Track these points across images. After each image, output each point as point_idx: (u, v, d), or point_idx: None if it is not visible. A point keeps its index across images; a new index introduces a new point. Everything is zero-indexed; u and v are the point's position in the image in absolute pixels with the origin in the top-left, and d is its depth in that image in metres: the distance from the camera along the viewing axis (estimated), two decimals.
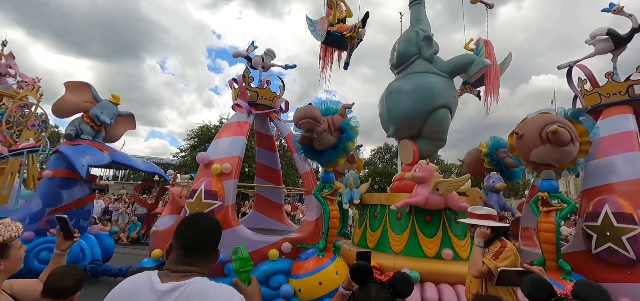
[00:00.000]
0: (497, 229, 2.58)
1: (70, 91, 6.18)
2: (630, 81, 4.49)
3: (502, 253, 2.42)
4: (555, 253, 3.59)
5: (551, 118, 3.39)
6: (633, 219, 3.43)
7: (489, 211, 2.64)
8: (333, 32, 5.50)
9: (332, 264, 3.99)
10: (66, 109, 6.27)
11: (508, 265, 2.34)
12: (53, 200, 6.05)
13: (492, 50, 5.55)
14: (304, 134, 3.96)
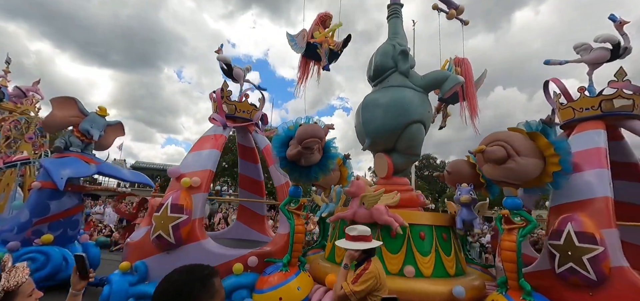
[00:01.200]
0: (367, 251, 2.56)
1: (57, 106, 6.38)
2: (602, 96, 4.43)
3: (361, 276, 2.40)
4: (516, 272, 3.53)
5: (493, 137, 3.36)
6: (594, 239, 3.35)
7: (362, 231, 2.62)
8: (313, 43, 5.58)
9: (295, 279, 3.99)
10: (55, 125, 6.50)
11: (366, 289, 2.33)
12: (40, 211, 6.22)
13: (469, 68, 5.57)
14: (302, 150, 3.87)
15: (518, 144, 3.23)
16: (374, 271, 2.40)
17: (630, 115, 4.31)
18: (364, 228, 2.67)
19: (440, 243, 4.16)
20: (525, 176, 3.38)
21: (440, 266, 4.04)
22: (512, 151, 3.17)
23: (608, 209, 3.56)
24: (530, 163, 3.26)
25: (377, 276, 2.38)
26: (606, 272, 3.27)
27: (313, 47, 5.50)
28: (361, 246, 2.53)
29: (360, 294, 2.37)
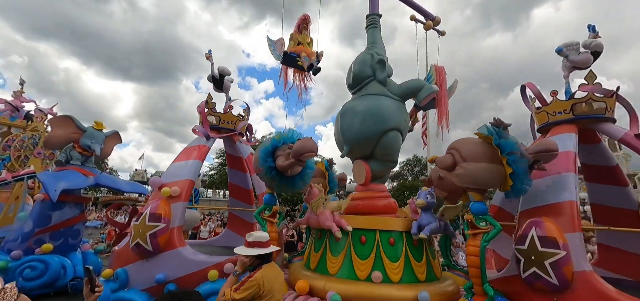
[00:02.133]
0: (261, 257, 2.60)
1: (56, 126, 6.78)
2: (573, 99, 4.43)
3: (244, 283, 2.41)
4: (480, 277, 3.54)
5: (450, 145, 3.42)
6: (557, 243, 3.34)
7: (258, 237, 2.67)
8: (290, 53, 5.75)
9: None
10: (56, 143, 6.89)
11: (246, 296, 2.34)
12: (42, 221, 6.56)
13: (444, 76, 5.64)
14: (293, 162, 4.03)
15: (465, 150, 3.27)
16: (258, 278, 2.41)
17: (603, 118, 4.29)
18: (260, 234, 2.73)
19: (410, 249, 4.19)
20: (474, 180, 3.41)
21: (409, 272, 4.07)
22: (459, 158, 3.21)
23: (573, 213, 3.55)
24: (477, 168, 3.29)
25: (260, 284, 2.37)
26: (569, 277, 3.25)
27: (291, 58, 5.66)
28: (253, 252, 2.57)
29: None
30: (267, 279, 2.44)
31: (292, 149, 4.03)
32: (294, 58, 5.64)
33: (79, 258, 7.18)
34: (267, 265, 2.59)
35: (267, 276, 2.47)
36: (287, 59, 5.69)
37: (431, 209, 4.17)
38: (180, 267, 4.30)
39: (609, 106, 4.29)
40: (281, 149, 4.24)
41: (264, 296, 2.38)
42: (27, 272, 6.17)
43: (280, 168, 4.15)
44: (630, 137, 4.02)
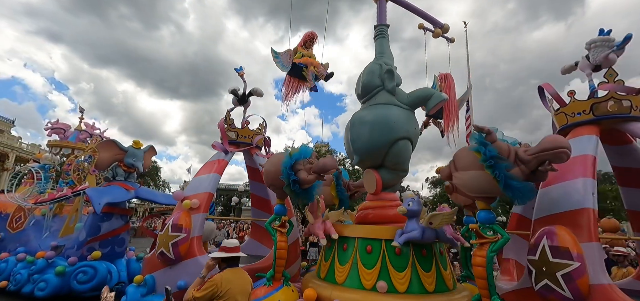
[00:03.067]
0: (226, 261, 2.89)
1: (102, 150, 7.74)
2: (593, 99, 4.16)
3: (205, 284, 2.68)
4: (488, 289, 3.43)
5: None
6: (569, 253, 3.15)
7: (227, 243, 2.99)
8: (299, 63, 5.98)
9: (277, 293, 4.27)
10: (104, 164, 7.86)
11: (204, 295, 2.60)
12: (93, 231, 7.48)
13: (452, 84, 5.55)
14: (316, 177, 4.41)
15: (458, 159, 3.22)
16: (217, 280, 2.66)
17: (628, 117, 3.97)
18: (231, 241, 3.02)
19: (418, 259, 4.15)
20: (467, 189, 3.33)
21: (416, 282, 4.02)
22: (453, 167, 3.18)
23: (589, 221, 3.33)
24: (467, 176, 3.22)
25: (217, 284, 2.61)
26: (584, 290, 3.05)
27: (298, 68, 5.88)
28: (217, 255, 2.89)
29: (200, 300, 2.65)
30: (225, 281, 2.69)
31: (316, 165, 4.36)
32: (301, 69, 5.85)
33: (123, 264, 7.99)
34: (229, 269, 2.86)
35: (226, 278, 2.72)
36: (295, 69, 5.91)
37: (415, 216, 4.06)
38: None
39: (634, 104, 3.96)
40: (301, 163, 4.49)
41: (222, 297, 2.61)
42: (80, 276, 7.02)
43: (303, 181, 4.41)
44: None
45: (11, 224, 8.60)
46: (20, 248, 7.73)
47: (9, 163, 29.58)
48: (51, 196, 8.79)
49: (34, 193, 9.62)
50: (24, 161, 30.65)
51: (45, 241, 7.67)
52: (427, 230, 3.86)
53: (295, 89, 6.23)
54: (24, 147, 32.28)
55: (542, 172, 3.29)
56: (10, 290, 6.88)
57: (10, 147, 30.79)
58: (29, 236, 8.11)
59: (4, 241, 8.38)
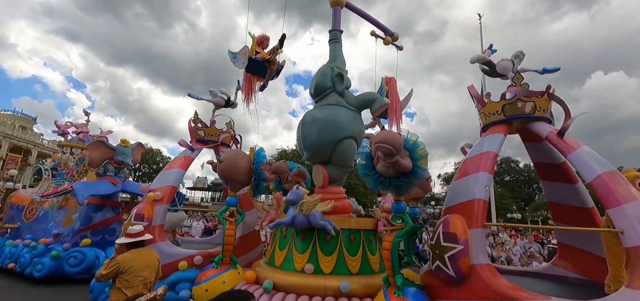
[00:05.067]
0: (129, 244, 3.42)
1: (93, 150, 8.43)
2: (504, 101, 4.57)
3: (109, 263, 3.18)
4: (392, 269, 3.91)
5: None
6: (456, 238, 3.61)
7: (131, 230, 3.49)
8: (255, 59, 6.40)
9: (222, 275, 4.83)
10: (96, 162, 8.53)
11: (109, 273, 3.11)
12: (86, 220, 8.25)
13: (394, 87, 5.99)
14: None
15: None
16: (119, 259, 3.17)
17: (532, 117, 4.38)
18: (135, 228, 3.52)
19: (345, 245, 4.66)
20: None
21: (341, 265, 4.54)
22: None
23: (478, 210, 3.79)
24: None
25: (120, 263, 3.14)
26: (465, 270, 3.51)
27: (255, 64, 6.28)
28: (122, 240, 3.44)
29: (106, 277, 3.17)
30: (127, 260, 3.23)
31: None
32: (259, 63, 6.27)
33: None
34: (133, 250, 3.41)
35: (128, 258, 3.27)
36: (252, 65, 6.32)
37: (293, 205, 4.57)
38: None
39: (538, 105, 4.36)
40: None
41: (126, 272, 3.14)
42: (71, 260, 7.76)
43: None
44: (552, 136, 4.09)
45: (25, 215, 9.44)
46: (27, 235, 8.52)
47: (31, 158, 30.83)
48: (54, 190, 9.63)
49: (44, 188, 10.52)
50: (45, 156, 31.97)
51: (50, 229, 8.42)
52: (298, 216, 4.40)
53: (254, 88, 6.66)
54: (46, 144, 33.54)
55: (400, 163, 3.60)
56: (17, 271, 7.68)
57: (32, 144, 32.09)
58: (39, 225, 8.91)
59: (20, 229, 9.22)
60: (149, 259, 3.45)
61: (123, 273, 3.15)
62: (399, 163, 3.45)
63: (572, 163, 3.82)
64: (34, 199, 9.58)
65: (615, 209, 3.26)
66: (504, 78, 4.81)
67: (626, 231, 3.12)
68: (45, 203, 9.56)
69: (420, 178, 3.62)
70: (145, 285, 3.29)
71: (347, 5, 6.94)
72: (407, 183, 3.68)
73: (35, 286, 7.03)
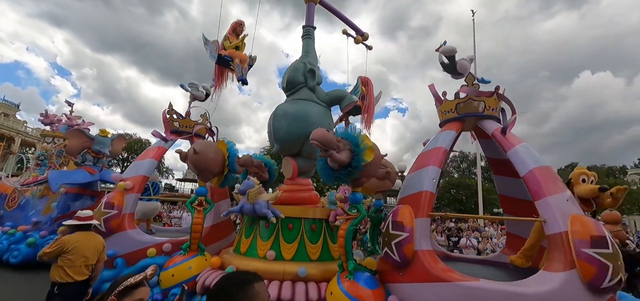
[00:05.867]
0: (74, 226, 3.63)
1: (71, 138, 8.42)
2: (457, 99, 4.86)
3: (54, 242, 3.43)
4: (346, 255, 4.18)
5: None
6: (402, 226, 3.89)
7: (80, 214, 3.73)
8: (224, 56, 6.54)
9: (189, 261, 5.00)
10: (74, 151, 8.53)
11: (52, 251, 3.35)
12: (64, 209, 8.29)
13: (371, 87, 6.24)
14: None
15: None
16: (65, 240, 3.38)
17: (482, 115, 4.69)
18: (84, 212, 3.76)
19: (307, 233, 4.91)
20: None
21: (302, 252, 4.79)
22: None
23: (425, 201, 4.08)
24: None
25: (65, 243, 3.36)
26: (409, 255, 3.80)
27: (225, 60, 6.43)
28: (69, 222, 3.67)
29: (49, 255, 3.38)
30: (72, 241, 3.44)
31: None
32: (228, 61, 6.42)
33: None
34: (79, 232, 3.61)
35: (74, 239, 3.48)
36: (222, 60, 6.47)
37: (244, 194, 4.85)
38: (127, 245, 5.37)
39: (487, 104, 4.67)
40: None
41: (69, 252, 3.36)
42: None
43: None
44: (497, 133, 4.41)
45: (8, 203, 9.41)
46: (8, 223, 8.50)
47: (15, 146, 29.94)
48: (34, 179, 9.58)
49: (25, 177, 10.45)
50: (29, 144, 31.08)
51: (30, 217, 8.42)
52: (246, 205, 4.70)
53: (224, 78, 6.80)
54: (29, 132, 32.51)
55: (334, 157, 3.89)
56: None
57: (15, 131, 31.09)
58: (20, 213, 8.92)
59: (2, 217, 9.23)
60: (93, 242, 3.64)
61: (66, 253, 3.34)
62: (333, 156, 3.73)
63: (511, 158, 4.14)
64: (16, 188, 9.59)
65: (541, 201, 3.60)
66: (457, 77, 5.09)
67: (548, 220, 3.46)
68: (27, 191, 9.55)
69: (359, 169, 3.88)
70: (87, 266, 3.52)
71: (321, 3, 7.11)
72: (345, 175, 3.95)
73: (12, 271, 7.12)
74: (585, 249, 3.10)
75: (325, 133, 3.78)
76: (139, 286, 1.65)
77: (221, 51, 6.33)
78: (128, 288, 1.60)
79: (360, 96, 6.52)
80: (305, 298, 4.09)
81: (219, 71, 6.66)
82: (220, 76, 6.72)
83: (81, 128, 9.67)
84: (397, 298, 3.82)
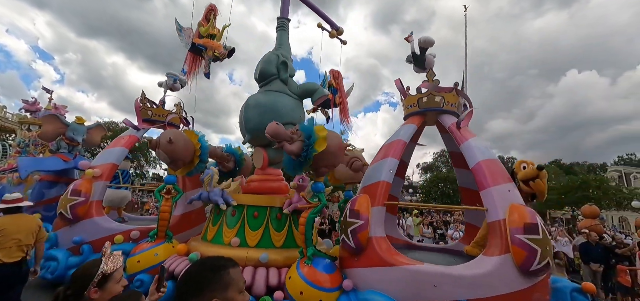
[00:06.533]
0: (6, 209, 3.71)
1: (45, 123, 8.24)
2: (419, 94, 5.05)
3: None
4: (305, 242, 4.34)
5: None
6: (358, 214, 4.08)
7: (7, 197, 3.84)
8: (198, 45, 6.53)
9: (156, 248, 5.07)
10: (48, 136, 8.37)
11: None
12: (38, 196, 8.15)
13: (340, 80, 6.36)
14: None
15: None
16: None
17: (441, 110, 4.90)
18: (13, 195, 3.88)
19: (272, 222, 5.06)
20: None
21: (267, 239, 4.93)
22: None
23: (381, 191, 4.28)
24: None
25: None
26: (363, 242, 3.99)
27: (198, 49, 6.42)
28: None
29: None
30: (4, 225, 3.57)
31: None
32: (201, 50, 6.42)
33: None
34: (8, 215, 3.74)
35: (1, 222, 3.61)
36: (195, 49, 6.46)
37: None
38: (94, 232, 5.39)
39: (446, 99, 4.88)
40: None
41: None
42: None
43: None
44: (453, 127, 4.62)
45: None
46: None
47: None
48: (10, 166, 9.35)
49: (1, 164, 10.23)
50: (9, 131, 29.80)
51: None
52: (203, 193, 5.01)
53: (197, 66, 6.79)
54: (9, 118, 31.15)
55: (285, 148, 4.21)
56: None
57: None
58: None
59: None
60: (25, 224, 3.72)
61: None
62: (285, 148, 3.89)
63: (463, 151, 4.37)
64: None
65: (485, 191, 3.83)
66: (420, 71, 5.27)
67: (490, 209, 3.71)
68: (3, 179, 9.38)
69: (310, 158, 4.07)
70: (20, 247, 3.59)
71: None
72: (298, 165, 4.12)
73: None
74: (518, 235, 3.35)
75: (276, 127, 3.93)
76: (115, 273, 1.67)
77: (195, 39, 6.31)
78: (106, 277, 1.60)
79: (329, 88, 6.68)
80: (265, 283, 4.25)
81: (191, 58, 6.65)
82: (192, 64, 6.70)
83: (56, 114, 9.44)
84: (351, 282, 4.01)
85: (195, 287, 1.22)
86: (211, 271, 1.26)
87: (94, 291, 1.54)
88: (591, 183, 27.21)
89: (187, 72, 6.71)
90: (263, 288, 4.17)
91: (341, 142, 4.34)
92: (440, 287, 3.37)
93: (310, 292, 3.88)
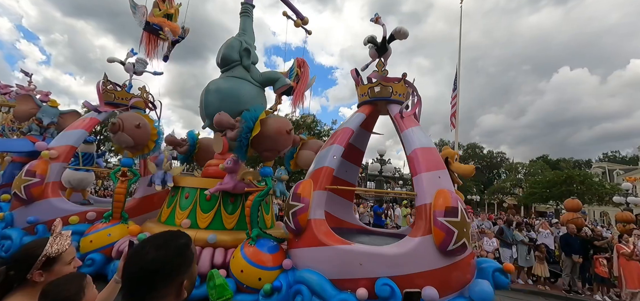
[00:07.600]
0: None
1: (19, 102, 8.11)
2: (370, 84, 5.19)
3: None
4: (250, 224, 4.50)
5: None
6: (299, 197, 4.24)
7: None
8: (153, 24, 6.48)
9: (110, 228, 5.16)
10: (21, 116, 8.22)
11: None
12: (9, 178, 8.02)
13: (306, 69, 6.46)
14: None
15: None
16: None
17: (390, 100, 5.06)
18: None
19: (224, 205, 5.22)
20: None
21: (218, 222, 5.09)
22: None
23: (323, 176, 4.44)
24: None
25: None
26: (303, 223, 4.17)
27: (154, 28, 6.39)
28: None
29: None
30: None
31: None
32: (157, 30, 6.39)
33: None
34: None
35: None
36: (150, 28, 6.43)
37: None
38: (49, 212, 5.43)
39: (395, 90, 5.04)
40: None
41: None
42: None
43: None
44: (397, 116, 4.80)
45: None
46: None
47: None
48: None
49: None
50: None
51: None
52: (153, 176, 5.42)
53: (154, 45, 6.77)
54: None
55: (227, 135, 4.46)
56: None
57: None
58: None
59: None
60: None
61: None
62: (227, 135, 4.03)
63: (403, 139, 4.56)
64: None
65: (416, 177, 4.04)
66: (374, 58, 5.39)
67: (418, 194, 3.92)
68: None
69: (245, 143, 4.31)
70: None
71: None
72: (239, 148, 4.28)
73: None
74: (439, 218, 3.58)
75: (220, 116, 4.06)
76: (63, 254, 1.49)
77: (149, 18, 6.27)
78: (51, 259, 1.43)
79: (295, 77, 6.75)
80: (210, 262, 4.41)
81: (147, 38, 6.62)
82: (149, 44, 6.67)
83: (31, 94, 9.26)
84: (291, 261, 4.20)
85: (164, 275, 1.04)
86: (179, 256, 1.08)
87: (38, 274, 1.41)
88: (575, 178, 28.05)
89: (147, 51, 6.68)
90: (208, 267, 4.33)
91: (281, 126, 4.43)
92: (365, 265, 3.59)
93: (250, 270, 4.06)
